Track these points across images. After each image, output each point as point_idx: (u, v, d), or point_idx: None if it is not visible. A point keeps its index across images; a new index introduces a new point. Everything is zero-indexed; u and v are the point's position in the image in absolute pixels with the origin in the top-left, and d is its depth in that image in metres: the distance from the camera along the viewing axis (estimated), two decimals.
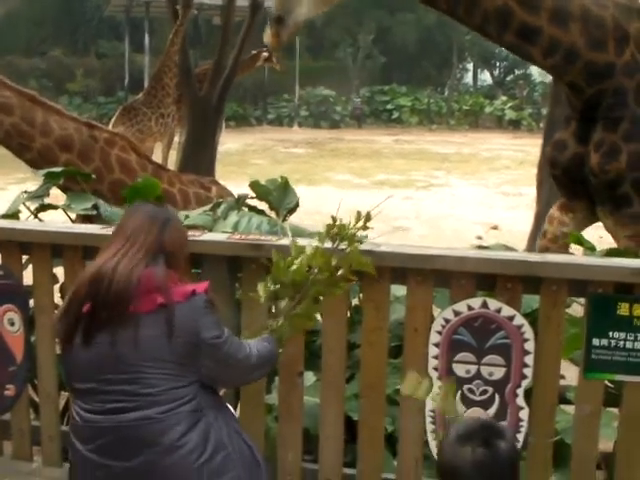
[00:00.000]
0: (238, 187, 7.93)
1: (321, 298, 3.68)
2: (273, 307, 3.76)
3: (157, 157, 17.64)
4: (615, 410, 4.05)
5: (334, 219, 3.67)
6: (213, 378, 3.19)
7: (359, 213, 3.64)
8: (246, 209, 5.35)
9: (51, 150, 6.53)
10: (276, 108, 39.26)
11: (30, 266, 4.70)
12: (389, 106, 40.38)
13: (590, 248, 5.09)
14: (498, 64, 51.38)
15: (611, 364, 3.80)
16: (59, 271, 4.63)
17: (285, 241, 4.09)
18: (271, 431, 4.34)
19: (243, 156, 27.03)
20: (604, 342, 3.79)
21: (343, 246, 3.66)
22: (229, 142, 28.01)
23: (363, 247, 3.83)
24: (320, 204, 14.49)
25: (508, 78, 50.15)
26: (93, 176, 6.23)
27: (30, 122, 6.52)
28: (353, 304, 4.50)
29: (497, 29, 5.00)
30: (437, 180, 22.21)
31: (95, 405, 3.05)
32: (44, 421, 4.74)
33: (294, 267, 3.53)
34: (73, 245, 4.48)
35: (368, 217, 3.62)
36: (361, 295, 4.26)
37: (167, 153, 17.65)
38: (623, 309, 3.75)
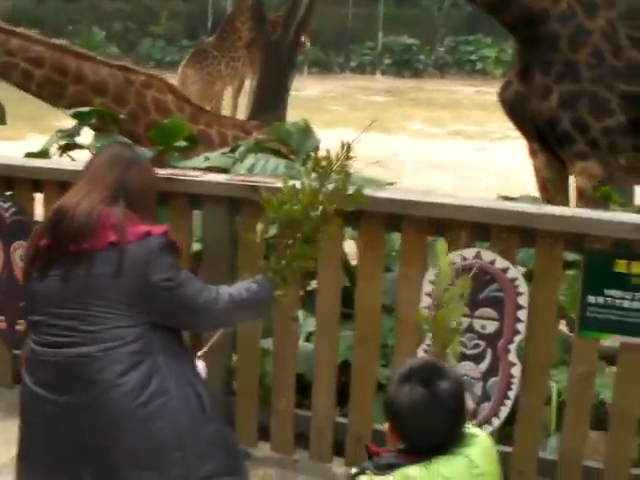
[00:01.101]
0: None
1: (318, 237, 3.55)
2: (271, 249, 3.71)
3: (227, 101, 17.72)
4: None
5: (316, 155, 3.58)
6: (169, 321, 3.11)
7: (343, 143, 3.49)
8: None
9: (85, 95, 6.54)
10: (359, 55, 38.89)
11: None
12: (473, 57, 39.64)
13: (621, 204, 4.93)
14: None
15: (606, 323, 3.67)
16: None
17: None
18: (267, 376, 4.29)
19: (321, 102, 26.84)
20: (600, 300, 3.65)
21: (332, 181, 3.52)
22: (309, 88, 27.86)
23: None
24: (391, 152, 14.35)
25: None
26: (121, 116, 6.22)
27: (62, 71, 6.55)
28: None
29: None
30: (513, 132, 21.83)
31: (42, 337, 3.03)
32: None
33: (286, 205, 3.44)
34: None
35: (349, 148, 3.45)
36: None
37: (237, 97, 17.63)
38: (620, 266, 3.61)
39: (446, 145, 18.65)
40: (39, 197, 4.70)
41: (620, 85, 5.46)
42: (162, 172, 4.24)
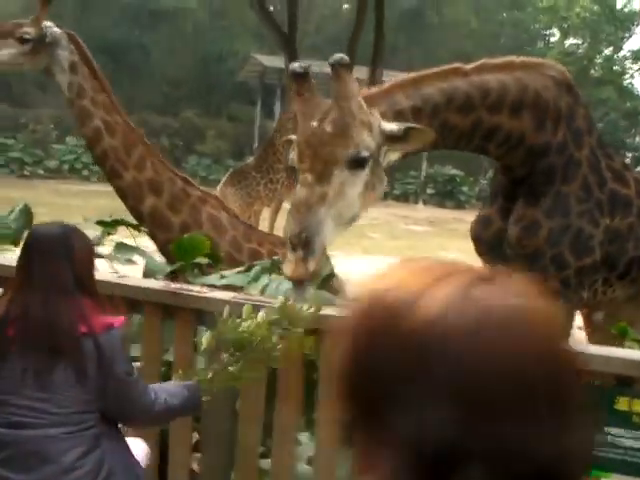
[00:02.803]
0: (349, 258, 7.89)
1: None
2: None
3: (264, 222, 17.87)
4: None
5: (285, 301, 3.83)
6: (110, 410, 3.25)
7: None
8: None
9: (140, 187, 6.45)
10: (403, 184, 39.23)
11: None
12: None
13: (636, 340, 4.88)
14: None
15: (608, 462, 3.58)
16: None
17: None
18: None
19: (362, 229, 26.99)
20: (601, 437, 3.58)
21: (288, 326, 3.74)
22: None
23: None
24: None
25: None
26: (143, 228, 6.26)
27: (128, 152, 6.47)
28: None
29: (470, 141, 4.87)
30: None
31: (4, 417, 3.13)
32: None
33: (240, 328, 3.63)
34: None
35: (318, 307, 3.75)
36: None
37: (274, 218, 17.76)
38: (622, 404, 3.55)
39: None
40: None
41: (605, 220, 5.35)
42: (171, 286, 4.27)
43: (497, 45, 41.76)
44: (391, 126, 4.03)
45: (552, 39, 47.55)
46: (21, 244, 6.31)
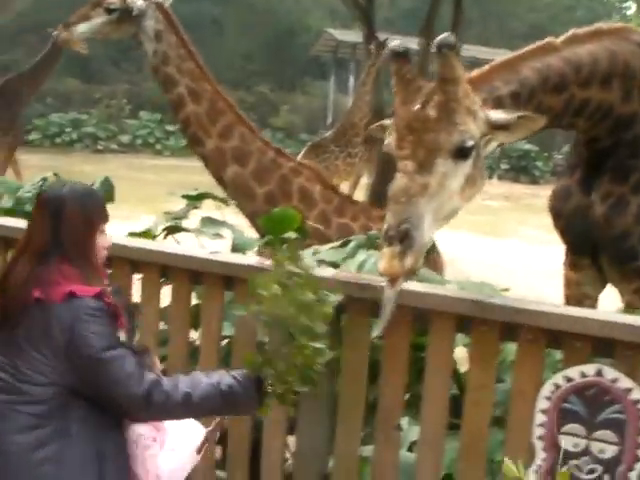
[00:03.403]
0: None
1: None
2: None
3: None
4: None
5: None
6: (86, 393, 2.96)
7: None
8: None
9: (223, 155, 6.43)
10: None
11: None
12: None
13: None
14: None
15: None
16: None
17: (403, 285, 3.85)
18: None
19: None
20: None
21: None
22: None
23: (473, 295, 3.58)
24: (502, 257, 14.61)
25: None
26: (230, 201, 6.10)
27: (213, 120, 6.44)
28: None
29: (560, 120, 4.55)
30: None
31: None
32: None
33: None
34: (182, 268, 4.35)
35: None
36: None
37: (353, 192, 17.54)
38: None
39: (560, 253, 18.22)
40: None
41: None
42: (265, 263, 4.09)
43: (572, 17, 40.97)
44: (499, 115, 3.76)
45: (628, 12, 46.55)
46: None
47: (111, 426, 3.04)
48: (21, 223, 4.96)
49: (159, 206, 5.95)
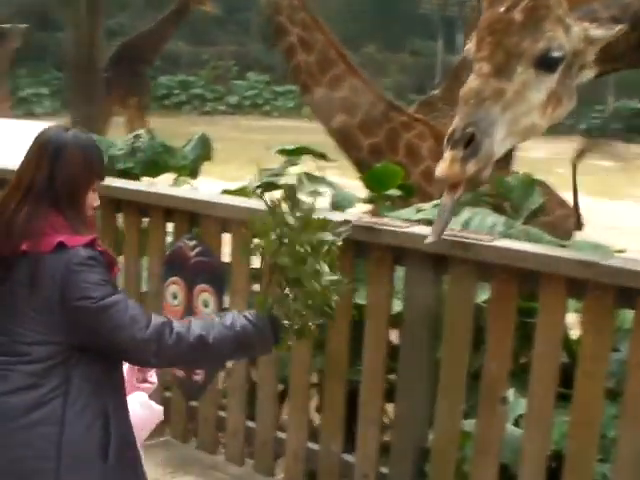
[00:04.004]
0: None
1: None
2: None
3: None
4: None
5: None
6: (94, 346, 2.74)
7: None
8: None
9: (330, 104, 6.31)
10: (588, 118, 37.77)
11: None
12: None
13: None
14: None
15: None
16: None
17: (498, 243, 3.55)
18: (466, 462, 3.75)
19: (548, 164, 26.03)
20: None
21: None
22: (538, 149, 27.12)
23: (586, 256, 3.27)
24: (617, 219, 14.22)
25: None
26: (328, 156, 5.87)
27: (323, 69, 6.36)
28: None
29: None
30: None
31: None
32: (230, 414, 4.40)
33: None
34: None
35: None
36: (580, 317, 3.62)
37: None
38: None
39: None
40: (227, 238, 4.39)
41: None
42: (363, 220, 3.82)
43: None
44: (599, 31, 3.41)
45: None
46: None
47: (113, 382, 2.86)
48: (120, 182, 4.84)
49: (266, 166, 5.78)
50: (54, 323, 2.71)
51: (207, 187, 5.81)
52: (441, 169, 3.19)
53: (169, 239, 4.67)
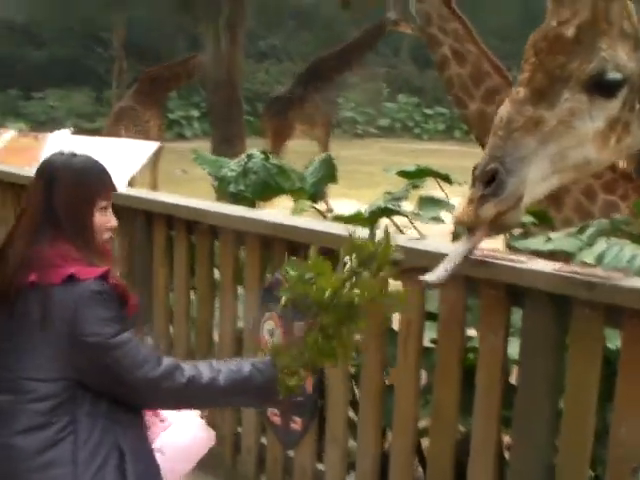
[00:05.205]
0: None
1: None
2: None
3: None
4: None
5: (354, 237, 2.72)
6: (96, 385, 2.64)
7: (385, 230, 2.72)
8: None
9: (485, 118, 5.92)
10: None
11: None
12: None
13: None
14: None
15: None
16: None
17: (631, 282, 2.99)
18: None
19: None
20: None
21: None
22: None
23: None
24: None
25: None
26: (454, 180, 5.37)
27: (476, 82, 6.12)
28: None
29: None
30: None
31: None
32: (329, 467, 3.96)
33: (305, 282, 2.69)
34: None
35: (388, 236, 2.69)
36: None
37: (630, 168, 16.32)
38: None
39: None
40: None
41: None
42: (476, 253, 3.32)
43: None
44: None
45: None
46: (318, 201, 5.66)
47: (126, 416, 2.72)
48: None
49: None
50: (61, 359, 2.62)
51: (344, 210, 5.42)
52: (456, 210, 2.82)
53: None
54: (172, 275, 4.77)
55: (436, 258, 3.09)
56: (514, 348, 3.39)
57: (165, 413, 3.07)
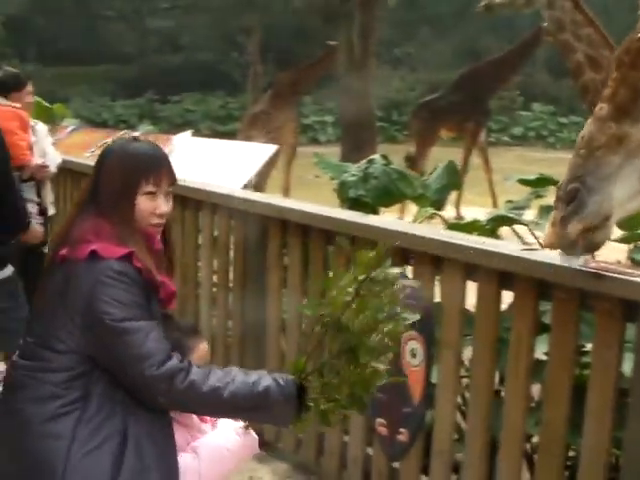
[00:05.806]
0: None
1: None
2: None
3: None
4: None
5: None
6: (104, 365, 2.65)
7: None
8: None
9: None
10: None
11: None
12: None
13: None
14: None
15: None
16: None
17: None
18: None
19: None
20: None
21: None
22: None
23: None
24: None
25: None
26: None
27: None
28: None
29: None
30: None
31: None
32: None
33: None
34: (487, 267, 3.56)
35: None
36: None
37: None
38: None
39: None
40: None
41: None
42: (591, 265, 3.20)
43: None
44: None
45: None
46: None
47: (147, 409, 2.67)
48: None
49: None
50: (76, 333, 2.64)
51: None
52: (544, 234, 2.76)
53: None
54: (285, 278, 4.75)
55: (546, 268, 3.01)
56: (629, 365, 3.26)
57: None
